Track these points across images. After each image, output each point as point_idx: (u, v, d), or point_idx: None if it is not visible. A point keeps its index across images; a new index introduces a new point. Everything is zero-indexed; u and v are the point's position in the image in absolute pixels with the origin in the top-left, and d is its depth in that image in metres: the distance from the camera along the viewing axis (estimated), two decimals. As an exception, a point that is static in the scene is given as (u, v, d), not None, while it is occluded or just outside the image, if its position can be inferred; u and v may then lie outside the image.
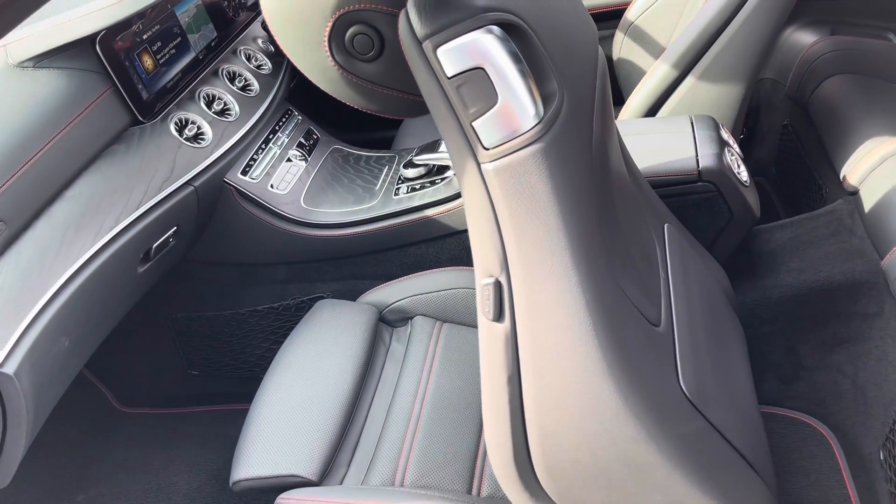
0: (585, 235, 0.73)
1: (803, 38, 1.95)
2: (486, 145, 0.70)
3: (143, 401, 1.75)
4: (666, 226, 1.13)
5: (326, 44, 0.70)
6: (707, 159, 1.33)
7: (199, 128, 1.39)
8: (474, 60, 0.67)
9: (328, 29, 0.69)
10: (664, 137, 1.39)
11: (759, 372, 1.45)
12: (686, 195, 1.35)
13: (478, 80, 0.67)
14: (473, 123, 0.69)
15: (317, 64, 0.71)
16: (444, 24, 0.65)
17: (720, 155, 1.34)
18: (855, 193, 1.53)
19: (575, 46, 0.78)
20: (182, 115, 1.38)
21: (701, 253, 1.23)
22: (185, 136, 1.35)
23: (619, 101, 2.16)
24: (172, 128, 1.34)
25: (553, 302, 0.73)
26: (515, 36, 0.69)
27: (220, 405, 1.72)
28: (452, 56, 0.66)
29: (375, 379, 1.27)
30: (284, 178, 1.50)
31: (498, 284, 0.74)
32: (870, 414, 1.29)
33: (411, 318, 1.36)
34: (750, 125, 2.10)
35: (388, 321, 1.38)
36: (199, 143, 1.37)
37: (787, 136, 1.99)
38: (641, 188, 1.10)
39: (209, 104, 1.45)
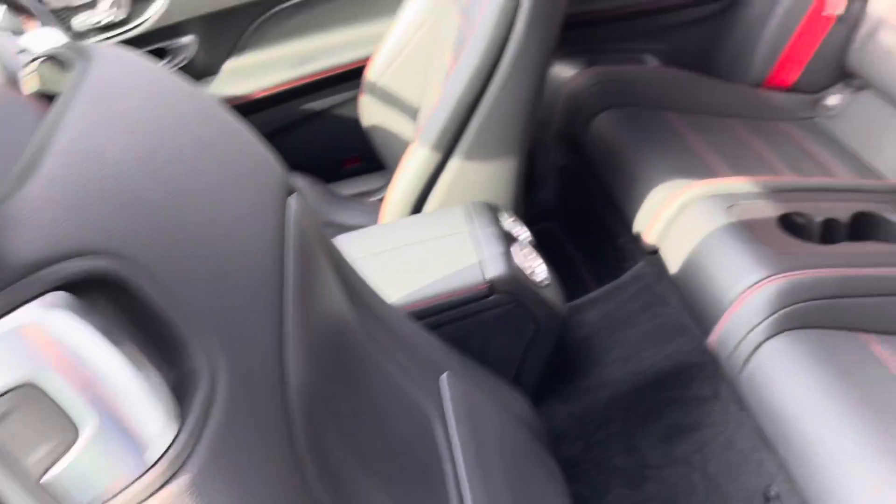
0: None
1: (562, 72, 1.80)
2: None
3: None
4: (443, 378, 0.87)
5: None
6: (495, 267, 1.07)
7: None
8: (18, 371, 0.34)
9: None
10: (439, 245, 1.12)
11: (603, 484, 1.24)
12: (480, 313, 1.09)
13: (32, 405, 0.35)
14: (44, 482, 0.37)
15: None
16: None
17: (507, 256, 1.09)
18: (655, 252, 1.37)
19: (239, 245, 0.48)
20: None
21: (494, 390, 0.99)
22: None
23: (381, 166, 1.90)
24: None
25: None
26: (107, 297, 0.37)
27: None
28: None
29: None
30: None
31: None
32: (732, 516, 1.11)
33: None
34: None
35: None
36: None
37: (567, 177, 1.82)
38: (403, 344, 0.82)
39: None
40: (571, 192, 1.81)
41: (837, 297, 1.11)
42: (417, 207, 1.28)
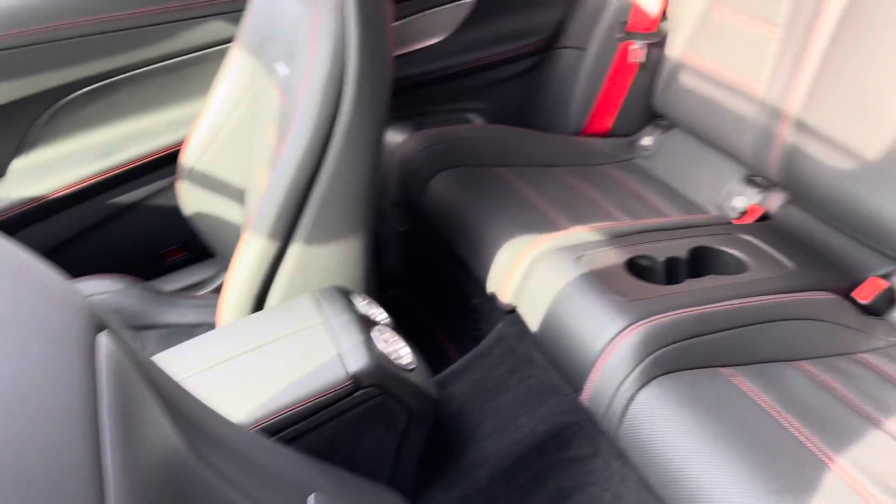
0: None
1: (392, 138, 1.76)
2: None
3: None
4: (310, 501, 0.77)
5: None
6: (357, 358, 0.98)
7: None
8: None
9: None
10: (290, 342, 1.01)
11: (497, 567, 1.16)
12: (346, 411, 0.99)
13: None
14: None
15: None
16: None
17: (369, 344, 1.01)
18: (513, 311, 1.34)
19: (39, 406, 0.38)
20: None
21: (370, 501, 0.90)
22: None
23: (209, 255, 1.75)
24: None
25: None
26: None
27: None
28: None
29: None
30: None
31: None
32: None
33: None
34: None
35: None
36: None
37: (409, 243, 1.78)
38: (255, 469, 0.71)
39: None
40: (416, 257, 1.77)
41: (694, 336, 1.13)
42: (259, 302, 1.16)
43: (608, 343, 1.12)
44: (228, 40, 1.62)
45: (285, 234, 1.13)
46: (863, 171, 1.30)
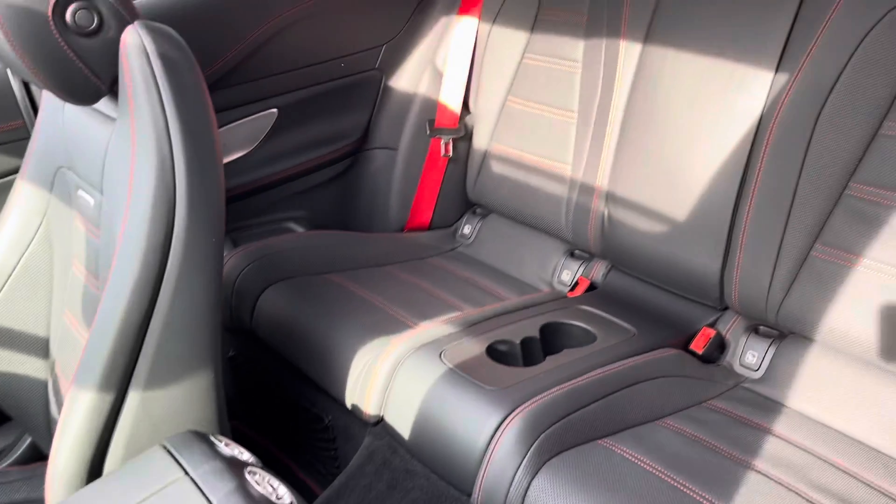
0: None
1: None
2: None
3: None
4: None
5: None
6: (234, 508, 0.86)
7: None
8: None
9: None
10: (151, 507, 0.86)
11: None
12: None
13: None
14: None
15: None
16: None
17: (244, 490, 0.89)
18: (380, 422, 1.27)
19: None
20: None
21: None
22: None
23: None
24: None
25: None
26: None
27: None
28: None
29: None
30: None
31: None
32: None
33: None
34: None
35: None
36: None
37: (242, 368, 1.64)
38: None
39: None
40: (250, 383, 1.63)
41: (571, 412, 1.13)
42: (96, 467, 0.99)
43: (492, 436, 1.08)
44: (8, 174, 1.43)
45: (120, 381, 0.98)
46: (672, 232, 1.42)
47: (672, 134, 1.41)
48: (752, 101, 1.31)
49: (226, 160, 1.71)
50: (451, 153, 1.79)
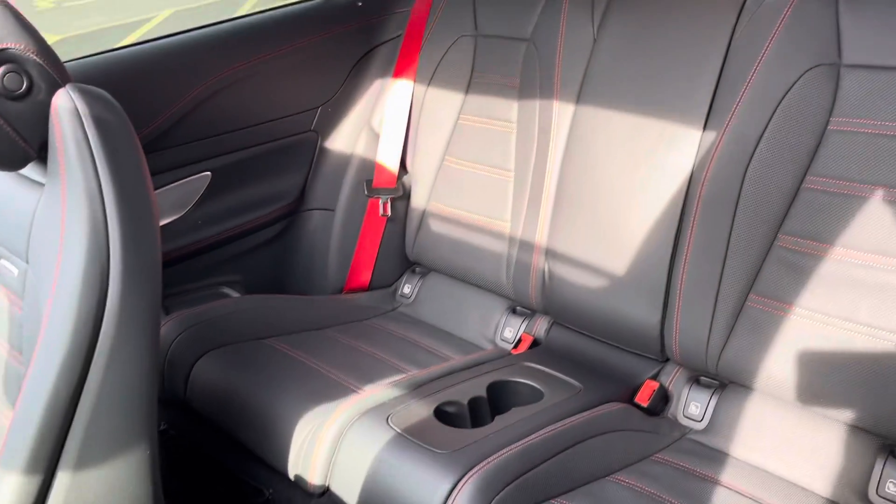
0: None
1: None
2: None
3: None
4: None
5: None
6: None
7: None
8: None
9: None
10: None
11: None
12: None
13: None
14: None
15: None
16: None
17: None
18: (325, 492, 1.22)
19: None
20: None
21: None
22: None
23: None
24: None
25: None
26: None
27: None
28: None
29: None
30: None
31: None
32: None
33: None
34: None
35: None
36: None
37: (173, 443, 1.56)
38: None
39: None
40: (185, 458, 1.55)
41: (523, 472, 1.11)
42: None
43: (445, 501, 1.05)
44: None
45: (49, 461, 0.91)
46: (612, 286, 1.44)
47: (608, 190, 1.44)
48: (682, 157, 1.36)
49: (160, 224, 1.66)
50: (389, 213, 1.79)
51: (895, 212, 1.15)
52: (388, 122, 1.79)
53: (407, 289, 1.84)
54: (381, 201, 1.79)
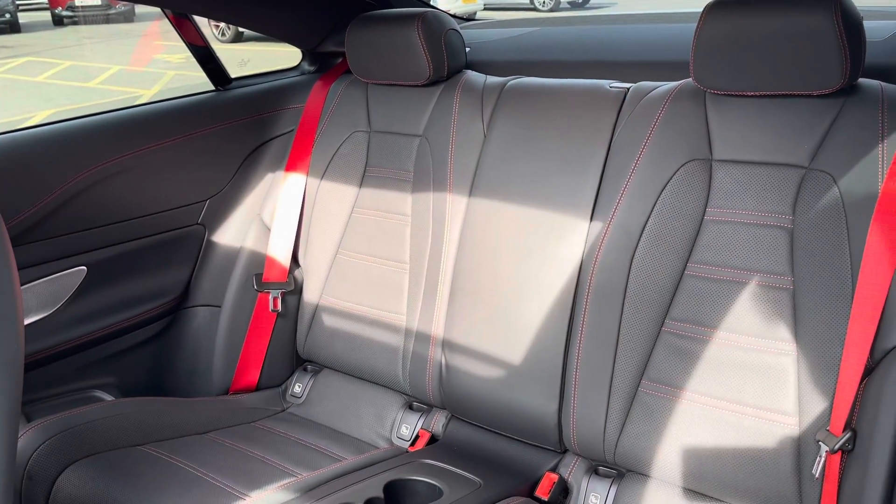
0: None
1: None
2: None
3: None
4: None
5: None
6: None
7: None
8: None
9: None
10: None
11: None
12: None
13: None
14: None
15: None
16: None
17: None
18: None
19: None
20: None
21: None
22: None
23: None
24: None
25: None
26: None
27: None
28: None
29: None
30: None
31: None
32: None
33: None
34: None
35: None
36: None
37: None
38: None
39: None
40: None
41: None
42: None
43: None
44: None
45: None
46: (509, 377, 1.43)
47: (502, 281, 1.45)
48: (572, 248, 1.40)
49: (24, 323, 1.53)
50: (280, 308, 1.73)
51: (772, 297, 1.21)
52: (279, 215, 1.76)
53: (297, 388, 1.76)
54: (271, 296, 1.72)
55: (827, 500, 1.13)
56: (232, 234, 1.81)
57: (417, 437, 1.55)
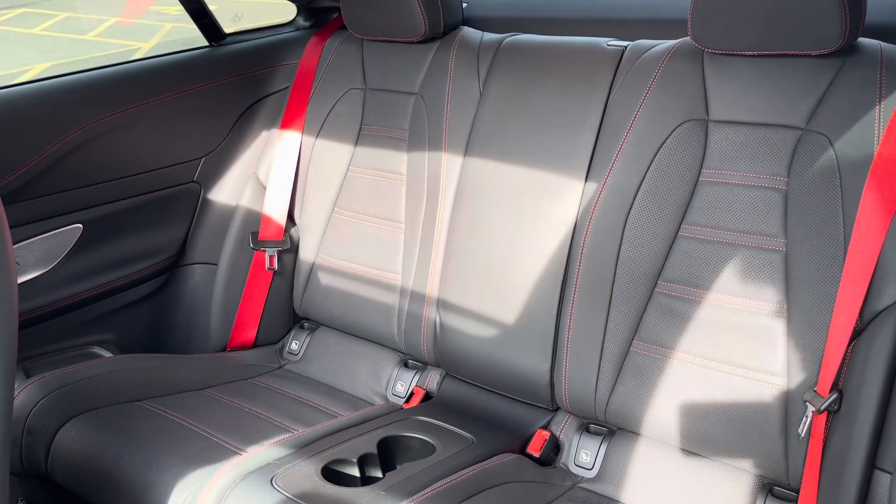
0: None
1: None
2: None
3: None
4: None
5: None
6: None
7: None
8: None
9: None
10: None
11: None
12: None
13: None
14: None
15: None
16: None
17: None
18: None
19: None
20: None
21: None
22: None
23: None
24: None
25: None
26: None
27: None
28: None
29: None
30: None
31: None
32: None
33: None
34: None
35: None
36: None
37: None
38: None
39: None
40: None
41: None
42: None
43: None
44: None
45: None
46: (503, 335, 1.44)
47: (496, 240, 1.46)
48: (566, 208, 1.40)
49: (20, 280, 1.54)
50: (276, 266, 1.74)
51: (765, 259, 1.22)
52: (275, 173, 1.75)
53: (294, 345, 1.78)
54: (267, 254, 1.73)
55: (812, 459, 1.15)
56: (227, 192, 1.81)
57: (412, 394, 1.57)
